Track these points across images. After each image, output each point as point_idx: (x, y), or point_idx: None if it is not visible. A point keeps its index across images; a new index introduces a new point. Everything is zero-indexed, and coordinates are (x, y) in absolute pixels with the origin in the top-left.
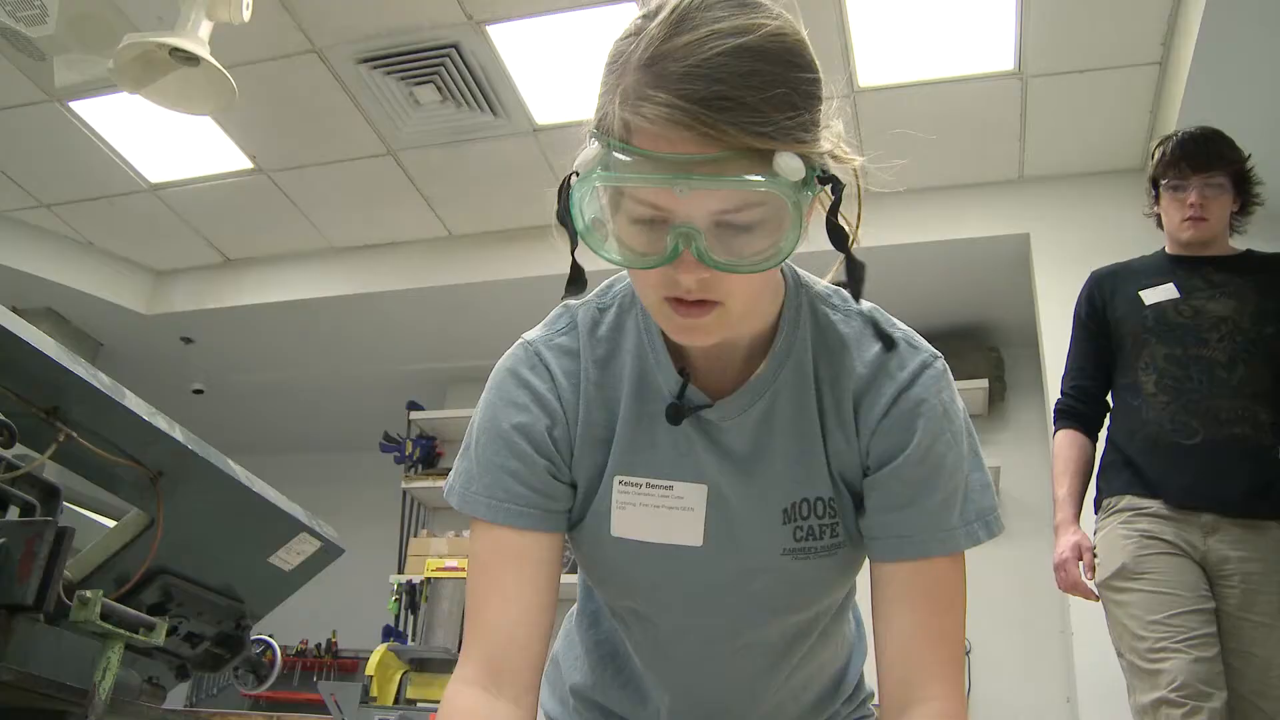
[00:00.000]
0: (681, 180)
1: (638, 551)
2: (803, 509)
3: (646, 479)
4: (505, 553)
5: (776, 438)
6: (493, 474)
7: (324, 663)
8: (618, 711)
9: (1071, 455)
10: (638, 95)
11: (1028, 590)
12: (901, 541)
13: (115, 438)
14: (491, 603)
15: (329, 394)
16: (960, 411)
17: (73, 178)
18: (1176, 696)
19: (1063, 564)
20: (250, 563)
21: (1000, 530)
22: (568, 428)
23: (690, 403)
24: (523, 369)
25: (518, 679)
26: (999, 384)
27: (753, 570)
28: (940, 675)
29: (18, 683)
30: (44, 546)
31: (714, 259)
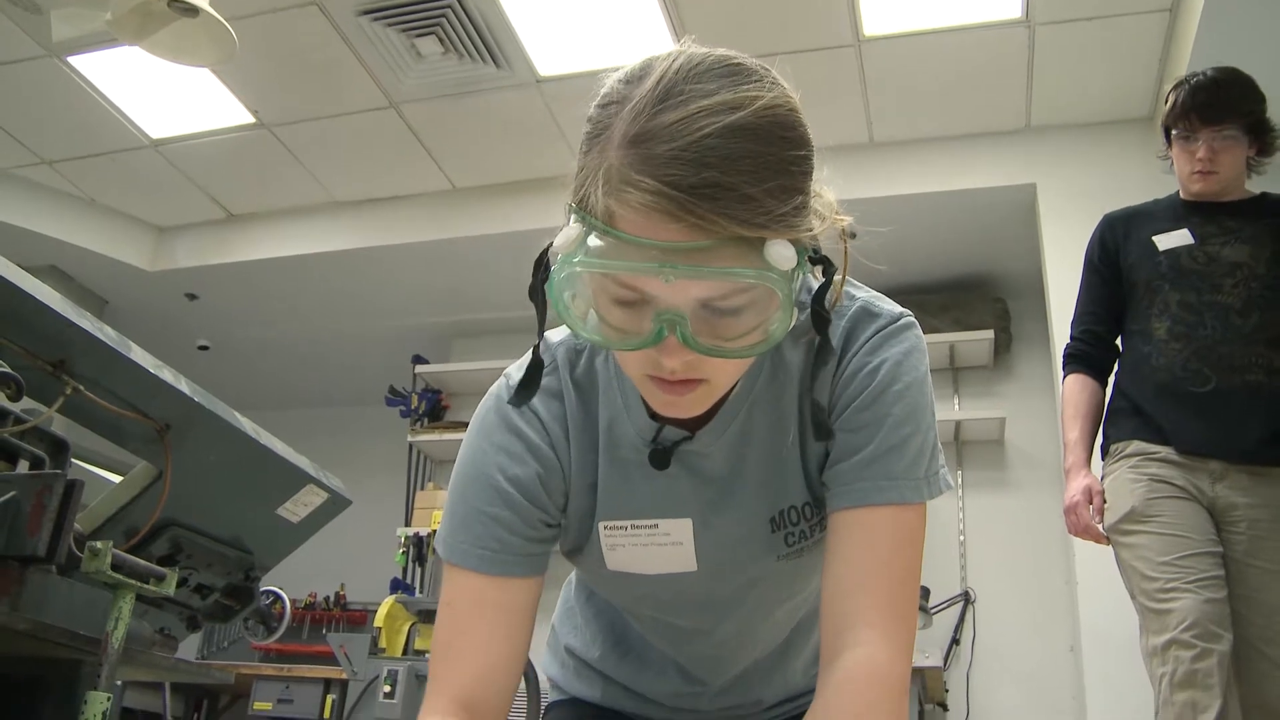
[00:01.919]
0: (668, 270)
1: (637, 580)
2: (790, 515)
3: (630, 521)
4: (488, 603)
5: (754, 451)
6: (484, 524)
7: (333, 615)
8: (616, 678)
9: (1082, 399)
10: (622, 179)
11: (1033, 541)
12: (845, 490)
13: (122, 390)
14: (468, 648)
15: (334, 349)
16: (916, 370)
17: (73, 134)
18: (1187, 637)
19: (1073, 507)
20: (258, 514)
21: (943, 491)
22: (562, 475)
23: (668, 441)
24: (512, 415)
25: (492, 715)
26: (1004, 335)
27: (752, 579)
28: (873, 622)
29: (33, 632)
30: (54, 499)
31: (699, 344)
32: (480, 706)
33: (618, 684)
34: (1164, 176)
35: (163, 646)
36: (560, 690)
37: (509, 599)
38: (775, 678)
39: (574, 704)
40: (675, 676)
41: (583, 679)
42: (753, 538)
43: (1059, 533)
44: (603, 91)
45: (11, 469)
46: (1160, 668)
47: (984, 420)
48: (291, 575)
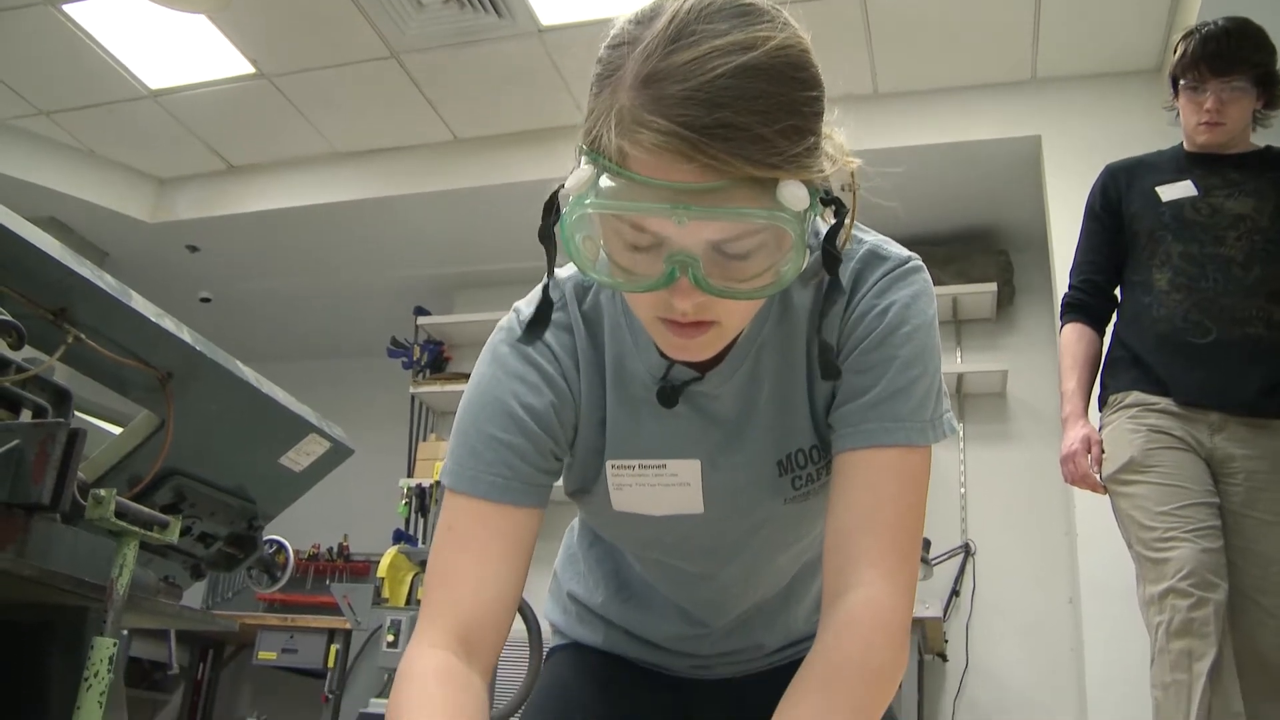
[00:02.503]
0: (681, 210)
1: (643, 521)
2: (798, 459)
3: (638, 460)
4: (494, 529)
5: (763, 393)
6: (495, 451)
7: (336, 566)
8: (619, 623)
9: (1080, 349)
10: (634, 119)
11: (1033, 494)
12: (851, 431)
13: (123, 339)
14: (467, 576)
15: (336, 300)
16: (924, 313)
17: (71, 84)
18: (1185, 586)
19: (1071, 456)
20: (261, 464)
21: (949, 435)
22: (574, 407)
23: (677, 380)
24: (525, 345)
25: (486, 652)
26: (1008, 288)
27: (759, 523)
28: (876, 563)
29: (39, 578)
30: (57, 448)
31: (711, 285)
32: (475, 639)
33: (620, 628)
34: (1170, 129)
35: (167, 594)
36: (563, 635)
37: (514, 528)
38: (777, 623)
39: (576, 648)
40: (678, 620)
41: (585, 624)
42: (760, 480)
43: (1059, 485)
44: (613, 32)
45: (14, 418)
46: (1157, 616)
47: (986, 373)
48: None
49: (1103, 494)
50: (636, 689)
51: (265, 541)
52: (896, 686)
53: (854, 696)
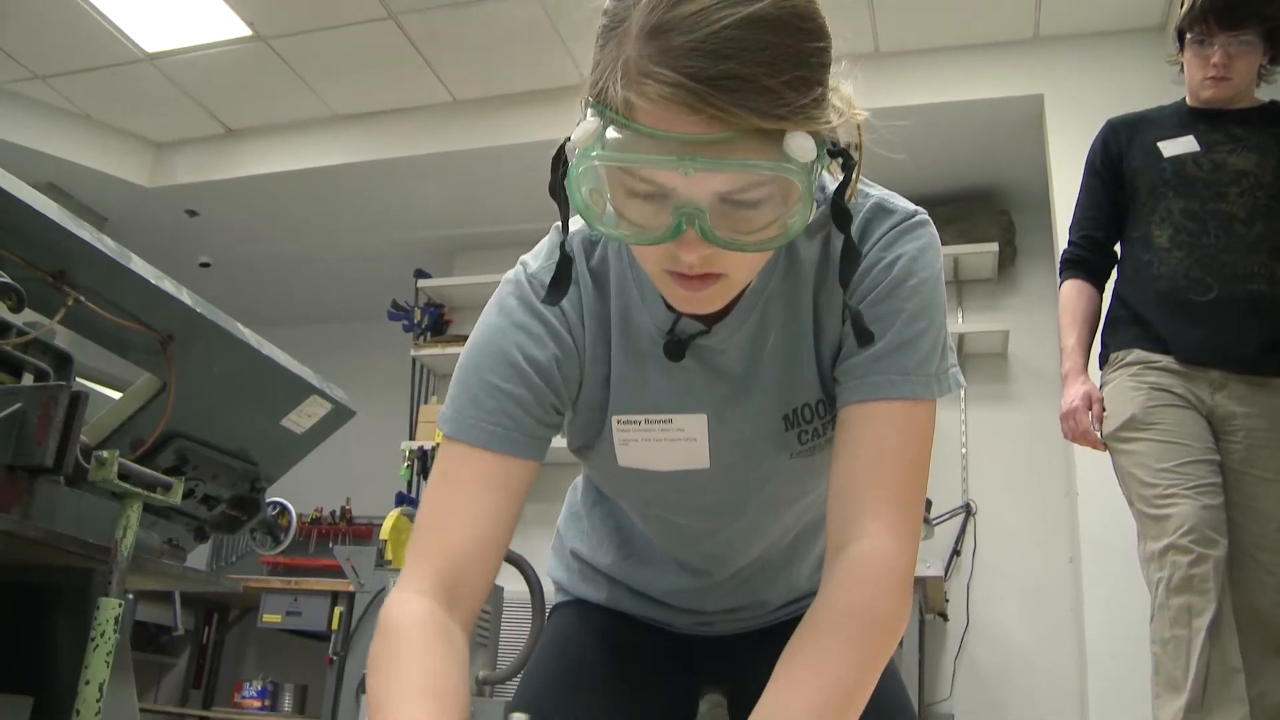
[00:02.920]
0: (687, 162)
1: (648, 475)
2: (804, 413)
3: (644, 415)
4: (489, 478)
5: (769, 347)
6: (497, 400)
7: (339, 529)
8: (622, 579)
9: (1079, 306)
10: (640, 71)
11: (1034, 454)
12: (857, 384)
13: (123, 301)
14: (459, 522)
15: (336, 264)
16: (930, 266)
17: (66, 48)
18: (1185, 543)
19: (1071, 413)
20: (263, 426)
21: (955, 389)
22: (579, 362)
23: (684, 333)
24: (532, 298)
25: (469, 603)
26: (1009, 248)
27: (764, 477)
28: (880, 514)
29: (44, 540)
30: (59, 410)
31: (718, 237)
32: (461, 589)
33: (623, 585)
34: (1175, 88)
35: (171, 556)
36: (566, 593)
37: (509, 478)
38: (780, 580)
39: (580, 605)
40: (681, 575)
41: (588, 581)
42: (766, 435)
43: (1060, 446)
44: None
45: (16, 382)
46: (1157, 573)
47: (987, 333)
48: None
49: (1102, 451)
50: (640, 645)
51: (268, 503)
52: (899, 637)
53: (857, 646)
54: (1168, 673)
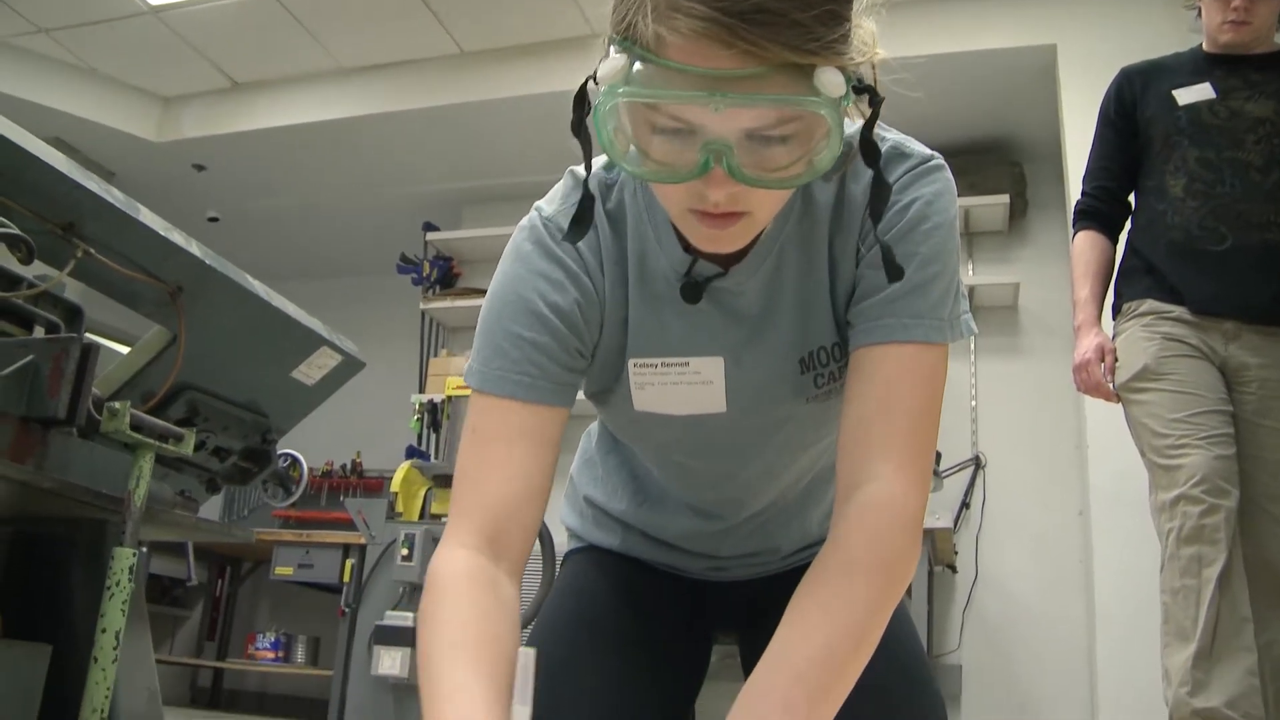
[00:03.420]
0: (718, 98)
1: (664, 420)
2: (820, 357)
3: (660, 359)
4: (521, 428)
5: (786, 291)
6: (522, 349)
7: (350, 482)
8: (636, 525)
9: (1092, 257)
10: (670, 5)
11: (1044, 407)
12: (869, 327)
13: (132, 253)
14: (495, 475)
15: (344, 218)
16: (945, 211)
17: (70, 1)
18: (1197, 493)
19: (1084, 365)
20: (273, 377)
21: (965, 336)
22: (599, 305)
23: (701, 276)
24: (550, 244)
25: (514, 553)
26: (1020, 200)
27: (780, 421)
28: (890, 457)
29: (58, 490)
30: (71, 363)
31: (746, 174)
32: (504, 540)
33: (637, 531)
34: (1190, 37)
35: (184, 508)
36: (579, 539)
37: (542, 427)
38: (794, 526)
39: (593, 551)
40: (695, 520)
41: (602, 527)
42: (782, 379)
43: (1071, 398)
44: None
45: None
46: (1168, 523)
47: (998, 286)
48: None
49: (1115, 403)
50: (653, 590)
51: (279, 455)
52: (909, 579)
53: (867, 588)
54: (1177, 622)
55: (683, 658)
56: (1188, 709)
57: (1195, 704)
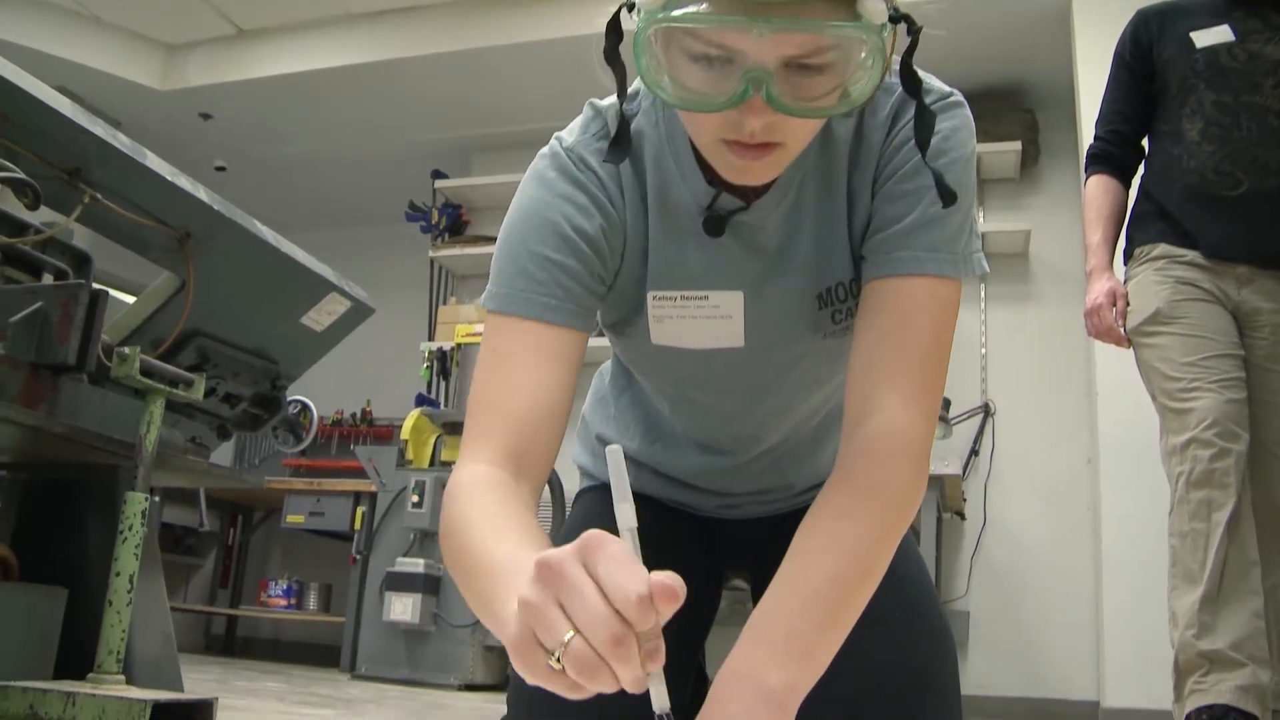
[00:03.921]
0: (761, 23)
1: (681, 354)
2: (838, 292)
3: (680, 292)
4: (545, 349)
5: (805, 225)
6: (548, 271)
7: (360, 431)
8: (648, 464)
9: (1105, 201)
10: None
11: (1054, 355)
12: (883, 259)
13: (140, 199)
14: (518, 394)
15: (353, 166)
16: (963, 146)
17: None
18: (1208, 436)
19: (1096, 309)
20: (282, 324)
21: (977, 273)
22: (623, 234)
23: (724, 209)
24: (573, 170)
25: (535, 473)
26: (1032, 147)
27: (796, 357)
28: (900, 389)
29: (69, 435)
30: (80, 309)
31: (785, 104)
32: (526, 460)
33: (649, 469)
34: None
35: (195, 453)
36: (591, 478)
37: (564, 350)
38: (806, 463)
39: (605, 489)
40: (707, 455)
41: None
42: (801, 314)
43: (1081, 346)
44: None
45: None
46: (1178, 466)
47: (1009, 233)
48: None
49: (1126, 348)
50: (665, 527)
51: (289, 402)
52: (915, 510)
53: (874, 518)
54: (1185, 565)
55: (694, 594)
56: (1194, 651)
57: (1201, 646)
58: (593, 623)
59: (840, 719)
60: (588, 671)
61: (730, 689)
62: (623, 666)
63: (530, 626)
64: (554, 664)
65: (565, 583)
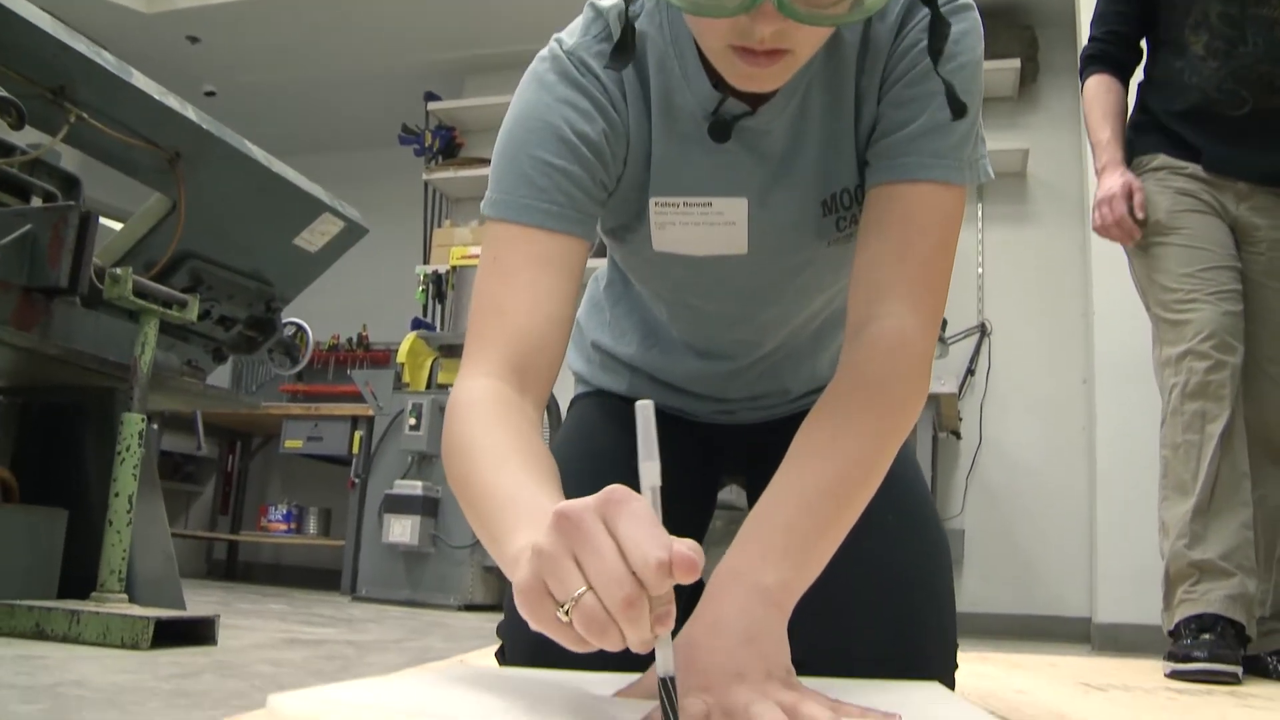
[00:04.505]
0: None
1: (682, 261)
2: (843, 199)
3: (683, 198)
4: (548, 257)
5: (811, 130)
6: (550, 177)
7: (356, 355)
8: (645, 369)
9: (1109, 100)
10: None
11: (1051, 275)
12: (889, 164)
13: (127, 118)
14: (521, 303)
15: (344, 90)
16: (972, 50)
17: None
18: (1205, 348)
19: (1109, 199)
20: (276, 245)
21: (983, 180)
22: (626, 138)
23: (729, 114)
24: (574, 72)
25: (539, 386)
26: (1031, 65)
27: (800, 264)
28: (903, 295)
29: (64, 357)
30: (70, 231)
31: (797, 10)
32: (530, 372)
33: (645, 374)
34: None
35: (191, 375)
36: (586, 384)
37: (567, 258)
38: (804, 368)
39: (600, 395)
40: (704, 360)
41: (609, 372)
42: (805, 220)
43: (1078, 266)
44: None
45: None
46: (1172, 378)
47: (1007, 152)
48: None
49: (1130, 244)
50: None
51: (285, 324)
52: (917, 415)
53: (873, 421)
54: (1176, 475)
55: (690, 499)
56: (1185, 561)
57: (1193, 556)
58: (608, 581)
59: (835, 620)
60: (596, 629)
61: (726, 586)
62: (632, 628)
63: (542, 576)
64: (562, 616)
65: (583, 537)
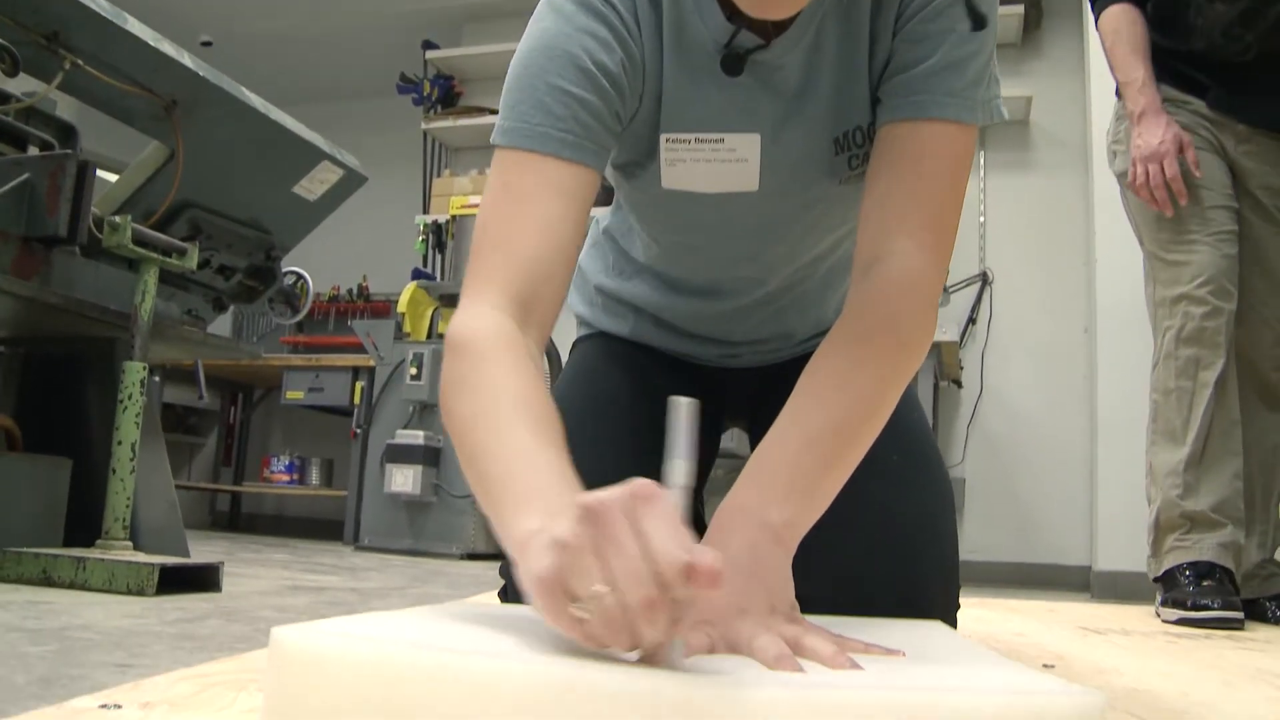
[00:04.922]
0: None
1: (692, 198)
2: (855, 137)
3: (695, 134)
4: (560, 186)
5: (824, 66)
6: (567, 105)
7: (357, 306)
8: (648, 309)
9: (1135, 33)
10: None
11: (1053, 223)
12: (901, 102)
13: (122, 64)
14: (529, 232)
15: (341, 38)
16: None
17: None
18: (1202, 293)
19: (1158, 154)
20: (275, 193)
21: (999, 119)
22: (642, 71)
23: (742, 47)
24: (594, 2)
25: (543, 320)
26: (1034, 10)
27: (810, 202)
28: (912, 233)
29: (64, 306)
30: (68, 180)
31: None
32: (535, 305)
33: (649, 316)
34: None
35: (191, 324)
36: (588, 326)
37: (579, 188)
38: (810, 312)
39: (603, 337)
40: (706, 299)
41: (611, 314)
42: (817, 158)
43: (1080, 215)
44: None
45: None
46: (1167, 320)
47: (1009, 99)
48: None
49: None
50: (664, 375)
51: (285, 273)
52: (923, 356)
53: (881, 359)
54: (1167, 421)
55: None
56: (1177, 510)
57: (1185, 506)
58: (630, 582)
59: (839, 560)
60: (614, 628)
61: (730, 523)
62: (649, 629)
63: (564, 570)
64: (579, 612)
65: (608, 533)
